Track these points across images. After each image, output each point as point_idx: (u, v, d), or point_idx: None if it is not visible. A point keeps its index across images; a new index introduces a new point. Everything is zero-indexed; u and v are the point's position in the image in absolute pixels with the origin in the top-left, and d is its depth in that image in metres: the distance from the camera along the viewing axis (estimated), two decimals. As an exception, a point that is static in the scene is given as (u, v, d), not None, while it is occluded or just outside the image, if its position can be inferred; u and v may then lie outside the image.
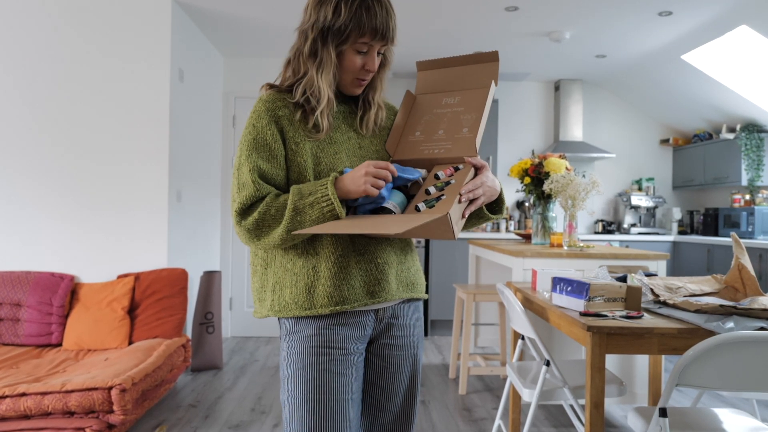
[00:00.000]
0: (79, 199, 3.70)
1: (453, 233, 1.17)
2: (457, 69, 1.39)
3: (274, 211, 1.21)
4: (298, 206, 1.19)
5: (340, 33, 1.25)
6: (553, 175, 3.36)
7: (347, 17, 1.24)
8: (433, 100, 1.38)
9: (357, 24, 1.24)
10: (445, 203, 1.17)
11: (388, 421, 1.38)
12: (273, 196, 1.23)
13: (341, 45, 1.26)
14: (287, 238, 1.22)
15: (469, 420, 3.12)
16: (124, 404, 2.53)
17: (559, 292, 2.09)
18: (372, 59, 1.29)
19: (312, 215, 1.18)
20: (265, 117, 1.27)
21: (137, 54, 3.73)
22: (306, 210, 1.18)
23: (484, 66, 1.35)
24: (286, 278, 1.28)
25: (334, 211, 1.18)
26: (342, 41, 1.26)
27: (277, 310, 1.29)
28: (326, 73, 1.27)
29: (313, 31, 1.27)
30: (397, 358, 1.38)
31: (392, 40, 1.29)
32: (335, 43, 1.26)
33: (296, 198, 1.20)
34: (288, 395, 1.28)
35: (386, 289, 1.30)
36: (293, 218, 1.19)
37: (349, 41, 1.26)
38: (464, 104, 1.32)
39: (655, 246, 5.65)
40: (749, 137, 5.16)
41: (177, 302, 3.50)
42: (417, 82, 1.44)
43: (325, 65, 1.27)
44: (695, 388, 1.56)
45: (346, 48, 1.27)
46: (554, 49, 4.99)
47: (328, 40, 1.26)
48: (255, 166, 1.24)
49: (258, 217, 1.22)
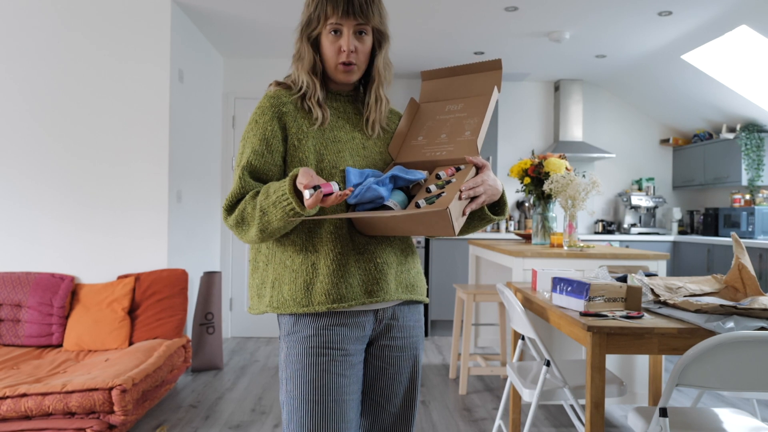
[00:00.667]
0: (80, 199, 3.71)
1: (453, 229, 1.16)
2: (461, 78, 1.40)
3: (250, 209, 1.22)
4: (263, 206, 1.19)
5: (310, 23, 1.30)
6: (553, 175, 3.36)
7: (314, 5, 1.29)
8: (437, 108, 1.39)
9: (322, 8, 1.27)
10: (445, 199, 1.17)
11: (387, 422, 1.38)
12: (252, 194, 1.24)
13: (313, 32, 1.30)
14: (266, 236, 1.23)
15: (470, 420, 3.12)
16: (125, 405, 2.53)
17: (559, 292, 2.09)
18: (346, 39, 1.28)
19: (276, 215, 1.17)
20: (269, 113, 1.30)
21: (137, 54, 3.73)
22: (270, 210, 1.17)
23: (487, 74, 1.36)
24: (285, 275, 1.28)
25: (295, 209, 1.14)
26: (313, 29, 1.30)
27: (275, 306, 1.29)
28: (305, 65, 1.32)
29: (296, 33, 1.34)
30: (396, 359, 1.37)
31: (365, 14, 1.27)
32: (307, 34, 1.31)
33: (263, 198, 1.19)
34: (287, 396, 1.28)
35: (384, 288, 1.30)
36: (261, 218, 1.20)
37: (318, 27, 1.29)
38: (467, 110, 1.33)
39: (655, 246, 5.66)
40: (749, 137, 5.16)
41: (177, 303, 3.50)
42: (421, 91, 1.46)
43: (303, 58, 1.32)
44: (695, 388, 1.56)
45: (320, 35, 1.30)
46: (554, 49, 4.99)
47: (302, 34, 1.32)
48: (248, 162, 1.27)
49: (237, 215, 1.25)
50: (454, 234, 1.18)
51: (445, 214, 1.13)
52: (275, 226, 1.19)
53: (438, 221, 1.16)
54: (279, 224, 1.18)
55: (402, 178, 1.26)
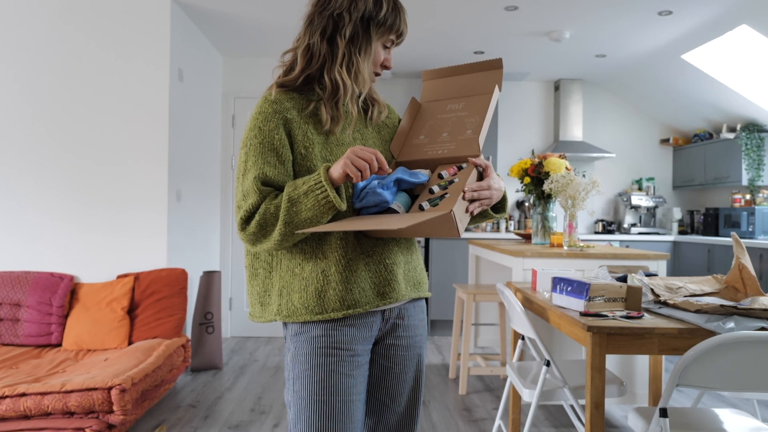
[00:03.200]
0: (79, 199, 3.70)
1: (458, 231, 1.17)
2: (462, 77, 1.40)
3: (273, 208, 1.19)
4: (293, 196, 1.17)
5: (381, 24, 1.28)
6: (553, 175, 3.36)
7: (387, 11, 1.28)
8: (438, 107, 1.40)
9: (393, 20, 1.28)
10: (449, 201, 1.17)
11: (392, 422, 1.38)
12: (272, 197, 1.22)
13: (381, 37, 1.30)
14: (287, 234, 1.19)
15: (469, 420, 3.12)
16: (124, 404, 2.53)
17: (559, 292, 2.09)
18: (391, 57, 1.35)
19: (307, 204, 1.16)
20: (273, 120, 1.24)
21: (137, 54, 3.73)
22: (301, 199, 1.16)
23: (488, 73, 1.37)
24: (294, 283, 1.26)
25: (329, 197, 1.14)
26: (382, 33, 1.29)
27: (285, 315, 1.26)
28: (368, 59, 1.29)
29: (352, 16, 1.25)
30: (402, 359, 1.37)
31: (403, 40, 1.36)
32: (377, 33, 1.29)
33: (291, 189, 1.19)
34: (294, 396, 1.27)
35: (396, 289, 1.30)
36: (289, 209, 1.17)
37: (384, 34, 1.30)
38: (468, 109, 1.34)
39: (655, 246, 5.65)
40: (749, 137, 5.15)
41: (177, 302, 3.50)
42: (422, 91, 1.46)
43: (367, 51, 1.28)
44: (696, 388, 1.56)
45: (378, 41, 1.30)
46: (554, 49, 4.98)
47: (371, 29, 1.27)
48: (261, 173, 1.22)
49: (259, 219, 1.20)
50: (459, 236, 1.18)
51: (450, 217, 1.14)
52: (303, 217, 1.17)
53: (443, 224, 1.16)
54: (308, 215, 1.16)
55: (406, 181, 1.26)
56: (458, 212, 1.16)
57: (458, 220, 1.16)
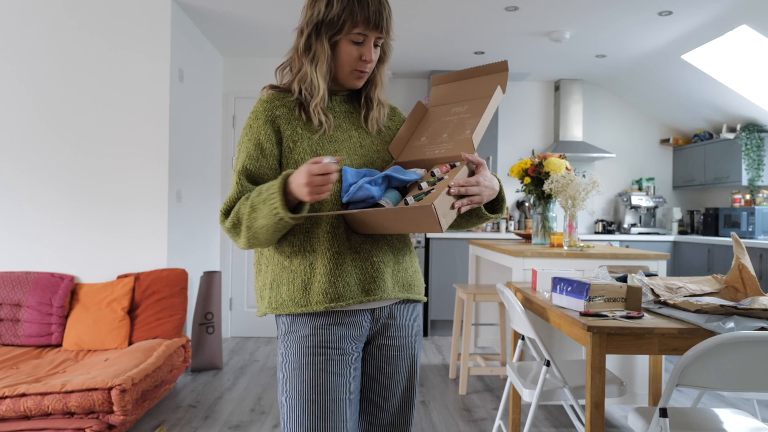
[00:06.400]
0: (79, 199, 3.70)
1: (440, 225, 1.16)
2: (468, 81, 1.41)
3: (243, 209, 1.23)
4: (255, 203, 1.20)
5: (333, 24, 1.27)
6: (553, 175, 3.36)
7: (340, 8, 1.26)
8: (443, 111, 1.41)
9: (350, 14, 1.26)
10: (433, 196, 1.17)
11: (385, 422, 1.38)
12: (246, 196, 1.25)
13: (335, 36, 1.28)
14: (252, 237, 1.23)
15: (469, 420, 3.12)
16: (124, 405, 2.53)
17: (559, 292, 2.09)
18: (369, 49, 1.30)
19: (263, 211, 1.18)
20: (262, 117, 1.30)
21: (137, 54, 3.73)
22: (259, 207, 1.19)
23: (493, 76, 1.38)
24: (284, 275, 1.29)
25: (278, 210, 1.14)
26: (335, 32, 1.28)
27: (274, 307, 1.30)
28: (320, 66, 1.29)
29: (307, 27, 1.29)
30: (394, 359, 1.37)
31: (387, 30, 1.31)
32: (328, 35, 1.28)
33: (255, 194, 1.22)
34: (285, 395, 1.28)
35: (381, 287, 1.30)
36: (250, 215, 1.21)
37: (343, 32, 1.27)
38: (471, 111, 1.34)
39: (655, 246, 5.65)
40: (749, 137, 5.15)
41: (177, 302, 3.50)
42: (431, 97, 1.48)
43: (318, 58, 1.29)
44: (696, 388, 1.56)
45: (341, 39, 1.28)
46: (554, 49, 4.98)
47: (322, 33, 1.28)
48: (243, 167, 1.28)
49: (233, 216, 1.25)
50: (442, 230, 1.18)
51: (431, 210, 1.13)
52: (259, 224, 1.20)
53: (425, 218, 1.15)
54: (262, 222, 1.19)
55: (396, 178, 1.27)
56: (440, 206, 1.15)
57: (440, 214, 1.15)
